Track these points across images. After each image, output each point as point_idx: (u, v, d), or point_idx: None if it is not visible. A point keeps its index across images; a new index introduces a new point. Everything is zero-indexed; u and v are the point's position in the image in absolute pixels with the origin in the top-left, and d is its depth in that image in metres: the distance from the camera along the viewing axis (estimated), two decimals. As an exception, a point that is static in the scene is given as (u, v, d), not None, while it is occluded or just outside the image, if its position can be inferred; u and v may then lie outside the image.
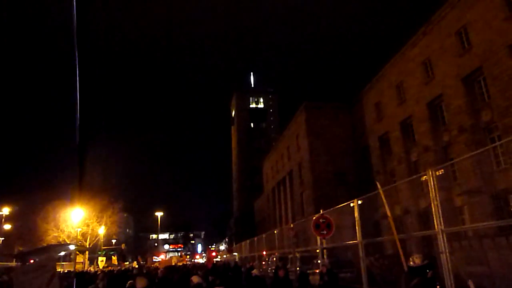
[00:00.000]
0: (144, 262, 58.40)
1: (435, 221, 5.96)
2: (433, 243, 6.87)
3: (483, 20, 22.65)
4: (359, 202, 9.11)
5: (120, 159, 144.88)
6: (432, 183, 6.05)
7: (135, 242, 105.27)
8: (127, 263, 51.43)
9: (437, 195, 5.96)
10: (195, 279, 8.44)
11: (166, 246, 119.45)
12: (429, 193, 6.15)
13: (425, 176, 6.27)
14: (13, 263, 34.86)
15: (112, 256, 43.84)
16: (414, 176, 7.03)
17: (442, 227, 5.90)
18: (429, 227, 7.29)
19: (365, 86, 38.06)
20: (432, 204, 5.94)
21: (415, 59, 29.60)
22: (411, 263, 5.21)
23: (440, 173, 6.15)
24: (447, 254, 5.70)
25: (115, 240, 55.34)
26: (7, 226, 44.89)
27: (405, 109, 31.16)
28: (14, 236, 47.32)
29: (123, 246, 51.91)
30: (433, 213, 5.91)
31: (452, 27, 25.44)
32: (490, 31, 22.11)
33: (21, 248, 44.53)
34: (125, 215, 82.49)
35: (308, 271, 17.39)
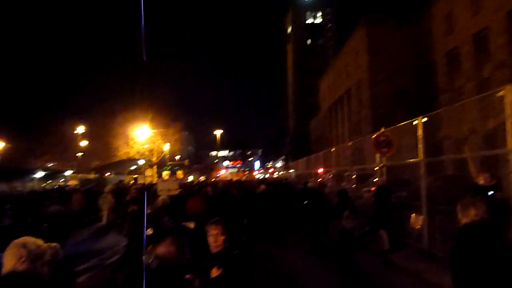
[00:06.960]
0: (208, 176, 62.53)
1: (508, 139, 5.62)
2: (499, 164, 6.60)
3: None
4: (424, 119, 8.83)
5: (177, 78, 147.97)
6: (509, 99, 5.61)
7: (196, 159, 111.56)
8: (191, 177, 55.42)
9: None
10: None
11: (226, 163, 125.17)
12: (503, 111, 5.76)
13: (502, 92, 5.82)
14: (92, 175, 38.99)
15: (177, 171, 47.08)
16: (489, 92, 6.60)
17: (516, 144, 5.57)
18: (496, 148, 7.00)
19: (435, -5, 34.39)
20: (507, 122, 5.57)
21: (497, -40, 25.86)
22: (481, 181, 5.17)
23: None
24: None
25: (179, 156, 59.24)
26: (84, 143, 49.32)
27: (481, 19, 28.08)
28: (90, 152, 52.08)
29: (186, 162, 55.29)
30: (507, 130, 5.57)
31: None
32: None
33: (98, 162, 49.24)
34: (186, 133, 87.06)
35: (364, 189, 17.81)
